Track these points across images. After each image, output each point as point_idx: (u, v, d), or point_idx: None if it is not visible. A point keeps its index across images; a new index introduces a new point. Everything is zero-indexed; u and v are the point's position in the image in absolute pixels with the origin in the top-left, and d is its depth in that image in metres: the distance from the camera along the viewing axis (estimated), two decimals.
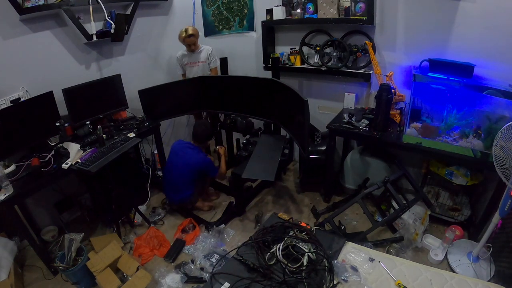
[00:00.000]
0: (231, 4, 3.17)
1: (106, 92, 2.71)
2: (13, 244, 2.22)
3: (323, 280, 1.36)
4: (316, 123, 2.89)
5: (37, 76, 2.41)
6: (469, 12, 2.08)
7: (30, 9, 2.18)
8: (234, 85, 2.87)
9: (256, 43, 3.17)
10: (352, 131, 2.41)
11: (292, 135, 2.60)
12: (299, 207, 2.83)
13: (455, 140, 2.08)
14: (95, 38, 2.56)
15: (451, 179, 2.24)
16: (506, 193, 1.69)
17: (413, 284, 1.43)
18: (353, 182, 2.76)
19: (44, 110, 2.30)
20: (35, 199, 2.52)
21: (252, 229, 2.57)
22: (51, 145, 2.39)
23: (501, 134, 1.66)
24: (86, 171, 2.08)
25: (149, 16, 3.08)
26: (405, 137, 2.22)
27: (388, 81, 2.30)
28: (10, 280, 1.98)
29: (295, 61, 2.90)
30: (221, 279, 1.39)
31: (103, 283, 1.97)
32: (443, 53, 2.24)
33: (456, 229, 2.19)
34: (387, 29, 2.44)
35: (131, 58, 3.05)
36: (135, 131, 2.63)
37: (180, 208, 2.80)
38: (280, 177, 3.23)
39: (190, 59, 3.12)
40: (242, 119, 3.03)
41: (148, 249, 2.38)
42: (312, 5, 2.58)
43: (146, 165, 3.13)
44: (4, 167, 2.10)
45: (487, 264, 1.96)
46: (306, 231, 1.53)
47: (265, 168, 2.35)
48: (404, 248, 2.22)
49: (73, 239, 2.04)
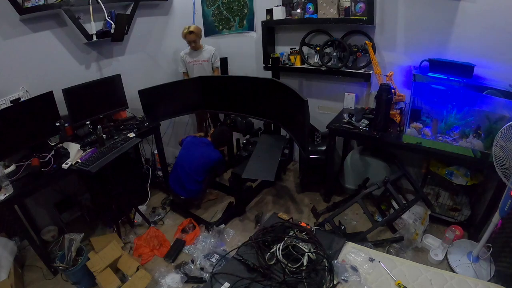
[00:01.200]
0: (231, 4, 3.17)
1: (106, 92, 2.71)
2: (13, 244, 2.22)
3: (323, 280, 1.36)
4: (316, 123, 2.89)
5: (37, 76, 2.41)
6: (469, 12, 2.08)
7: (30, 9, 2.18)
8: (234, 85, 2.87)
9: (256, 43, 3.17)
10: (352, 131, 2.41)
11: (292, 135, 2.60)
12: (299, 207, 2.83)
13: (455, 140, 2.08)
14: (95, 38, 2.56)
15: (451, 179, 2.24)
16: (506, 193, 1.69)
17: (413, 284, 1.43)
18: (353, 182, 2.76)
19: (44, 110, 2.30)
20: (35, 199, 2.52)
21: (252, 229, 2.57)
22: (51, 145, 2.39)
23: (501, 134, 1.66)
24: (86, 171, 2.08)
25: (149, 16, 3.07)
26: (405, 137, 2.22)
27: (388, 81, 2.30)
28: (10, 280, 1.98)
29: (295, 61, 2.90)
30: (221, 279, 1.39)
31: (103, 283, 1.97)
32: (443, 53, 2.23)
33: (456, 229, 2.19)
34: (387, 29, 2.44)
35: (131, 58, 3.05)
36: (135, 131, 2.63)
37: (186, 202, 2.79)
38: (280, 177, 3.23)
39: (192, 57, 3.16)
40: (242, 119, 3.03)
41: (148, 249, 2.38)
42: (312, 5, 2.58)
43: (146, 165, 3.13)
44: (4, 167, 2.10)
45: (487, 264, 1.96)
46: (306, 231, 1.53)
47: (265, 168, 2.36)
48: (404, 248, 2.22)
49: (73, 239, 2.04)
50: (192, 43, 3.03)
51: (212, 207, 2.89)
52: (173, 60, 3.40)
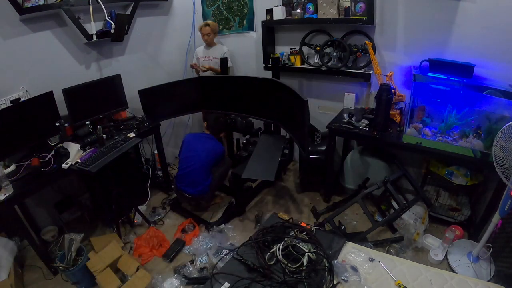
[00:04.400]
0: (231, 4, 3.17)
1: (106, 92, 2.70)
2: (13, 244, 2.21)
3: (323, 280, 1.36)
4: (316, 123, 2.89)
5: (37, 76, 2.40)
6: (469, 12, 2.08)
7: (30, 9, 2.18)
8: (234, 85, 2.87)
9: (256, 43, 3.17)
10: (352, 131, 2.41)
11: (292, 135, 2.60)
12: (299, 207, 2.83)
13: (455, 140, 2.08)
14: (95, 38, 2.56)
15: (451, 179, 2.24)
16: (506, 193, 1.69)
17: (413, 284, 1.43)
18: (353, 182, 2.76)
19: (44, 110, 2.29)
20: (35, 199, 2.52)
21: (252, 229, 2.57)
22: (51, 145, 2.39)
23: (501, 134, 1.66)
24: (86, 171, 2.07)
25: (149, 16, 3.07)
26: (405, 137, 2.22)
27: (388, 81, 2.30)
28: (10, 280, 1.98)
29: (295, 61, 2.90)
30: (221, 279, 1.39)
31: (103, 283, 1.97)
32: (443, 53, 2.24)
33: (456, 229, 2.19)
34: (387, 29, 2.44)
35: (131, 58, 3.05)
36: (135, 131, 2.63)
37: (194, 202, 2.78)
38: (280, 177, 3.23)
39: (204, 53, 3.24)
40: (242, 119, 3.03)
41: (148, 249, 2.38)
42: (312, 5, 2.58)
43: (146, 165, 3.13)
44: (4, 167, 2.10)
45: (487, 264, 1.96)
46: (306, 231, 1.53)
47: (265, 168, 2.35)
48: (404, 248, 2.22)
49: (73, 239, 2.04)
50: (205, 36, 3.10)
51: (212, 207, 2.89)
52: (174, 60, 3.41)
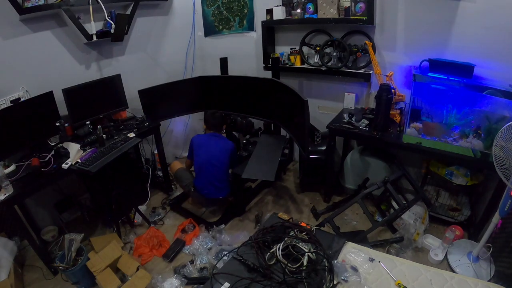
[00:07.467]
0: (231, 4, 3.17)
1: (106, 92, 2.70)
2: (13, 244, 2.21)
3: (323, 280, 1.36)
4: (316, 123, 2.89)
5: (37, 76, 2.40)
6: (469, 12, 2.08)
7: (30, 9, 2.17)
8: (234, 85, 2.87)
9: (256, 43, 3.17)
10: (352, 131, 2.41)
11: (292, 135, 2.60)
12: (299, 207, 2.83)
13: (455, 140, 2.08)
14: (95, 38, 2.56)
15: (451, 179, 2.24)
16: (506, 193, 1.69)
17: (413, 284, 1.43)
18: (353, 182, 2.76)
19: (44, 110, 2.29)
20: (35, 199, 2.52)
21: (252, 229, 2.57)
22: (51, 145, 2.39)
23: (501, 134, 1.66)
24: (86, 171, 2.08)
25: (149, 16, 3.07)
26: (405, 137, 2.22)
27: (388, 81, 2.30)
28: (10, 280, 1.98)
29: (295, 61, 2.89)
30: (221, 279, 1.39)
31: (103, 283, 1.97)
32: (443, 53, 2.23)
33: (456, 229, 2.19)
34: (387, 29, 2.44)
35: (131, 58, 3.05)
36: (135, 131, 2.63)
37: (210, 203, 2.69)
38: (280, 177, 3.23)
39: None
40: (242, 119, 3.03)
41: (148, 249, 2.38)
42: (312, 5, 2.58)
43: (146, 165, 3.13)
44: (4, 167, 2.10)
45: (487, 264, 1.96)
46: (306, 231, 1.53)
47: (265, 168, 2.35)
48: (404, 248, 2.22)
49: (73, 239, 2.04)
50: None
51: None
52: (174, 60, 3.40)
